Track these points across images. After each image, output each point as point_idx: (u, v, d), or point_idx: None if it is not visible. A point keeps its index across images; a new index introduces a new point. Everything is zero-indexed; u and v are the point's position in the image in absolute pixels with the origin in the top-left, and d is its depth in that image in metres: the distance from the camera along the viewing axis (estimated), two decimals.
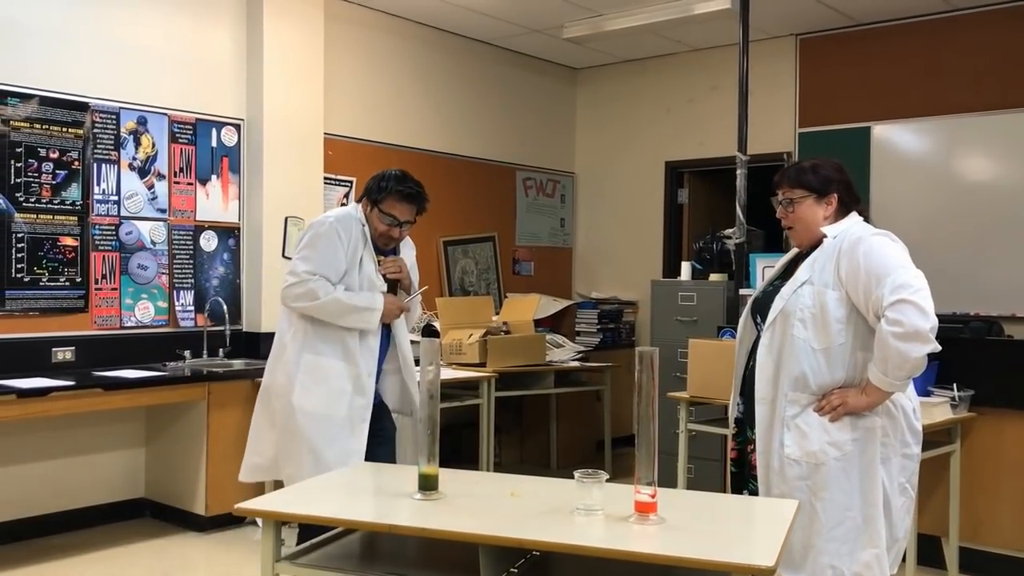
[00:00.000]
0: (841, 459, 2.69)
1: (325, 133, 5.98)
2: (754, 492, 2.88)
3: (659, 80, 7.64)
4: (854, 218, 2.85)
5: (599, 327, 7.34)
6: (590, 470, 2.21)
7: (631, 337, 7.62)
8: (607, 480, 2.23)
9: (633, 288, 7.69)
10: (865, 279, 2.64)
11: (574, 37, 6.84)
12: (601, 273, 8.03)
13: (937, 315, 5.02)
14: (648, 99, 7.71)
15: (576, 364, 6.49)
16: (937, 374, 4.31)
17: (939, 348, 2.64)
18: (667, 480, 3.76)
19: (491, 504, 2.33)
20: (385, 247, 3.57)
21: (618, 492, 2.29)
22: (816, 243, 2.85)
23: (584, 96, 8.18)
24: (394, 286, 3.56)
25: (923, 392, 4.18)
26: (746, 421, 2.91)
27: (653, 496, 2.12)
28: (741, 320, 3.02)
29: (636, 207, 7.78)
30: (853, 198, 2.88)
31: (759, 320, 2.89)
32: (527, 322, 6.36)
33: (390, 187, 3.44)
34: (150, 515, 5.20)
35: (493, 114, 7.43)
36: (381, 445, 3.55)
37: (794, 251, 3.01)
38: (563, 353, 6.53)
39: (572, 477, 2.22)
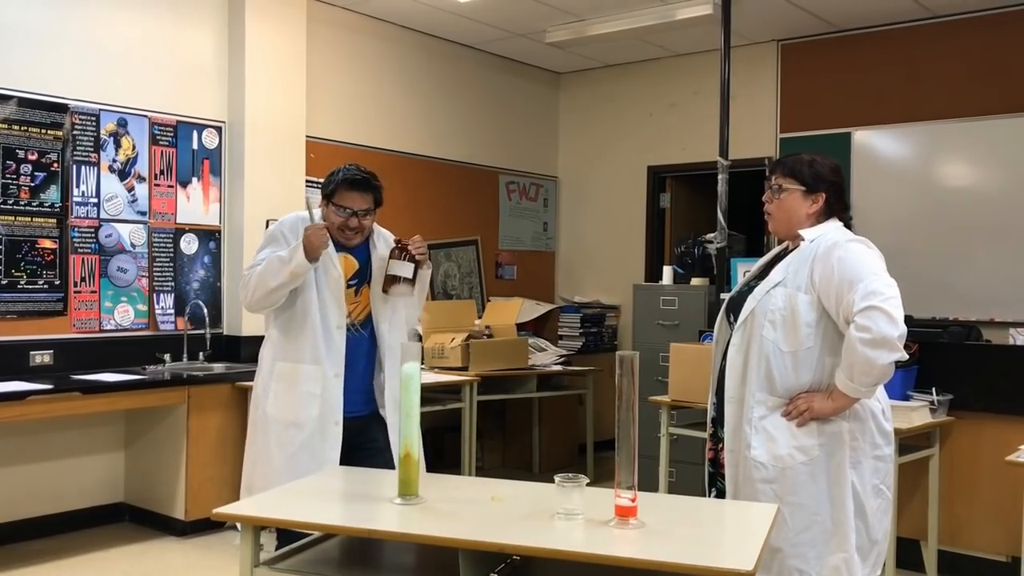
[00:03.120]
0: (808, 464, 2.68)
1: (307, 136, 5.96)
2: (721, 492, 2.88)
3: (642, 85, 7.66)
4: (835, 224, 2.83)
5: (582, 331, 7.35)
6: (571, 474, 2.21)
7: (613, 341, 7.63)
8: (588, 484, 2.23)
9: (615, 292, 7.70)
10: (838, 284, 2.63)
11: (557, 41, 6.85)
12: (584, 277, 8.04)
13: (916, 319, 5.06)
14: (631, 104, 7.73)
15: (559, 368, 6.50)
16: (916, 378, 4.34)
17: (906, 357, 2.65)
18: (649, 484, 3.76)
19: (472, 508, 2.32)
20: (349, 242, 3.42)
21: (599, 496, 2.28)
22: (792, 239, 2.86)
23: (567, 100, 8.19)
24: (415, 269, 3.35)
25: (902, 396, 4.21)
26: (719, 421, 2.92)
27: (633, 500, 2.12)
28: (717, 320, 3.01)
29: (618, 211, 7.80)
30: (841, 204, 2.86)
31: (733, 319, 2.88)
32: (510, 326, 6.35)
33: (338, 178, 3.37)
34: (129, 520, 5.17)
35: (476, 118, 7.43)
36: (372, 457, 3.35)
37: (773, 252, 3.01)
38: (546, 357, 6.53)
39: (554, 481, 2.21)
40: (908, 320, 5.03)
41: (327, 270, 3.35)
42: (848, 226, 2.87)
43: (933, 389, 4.23)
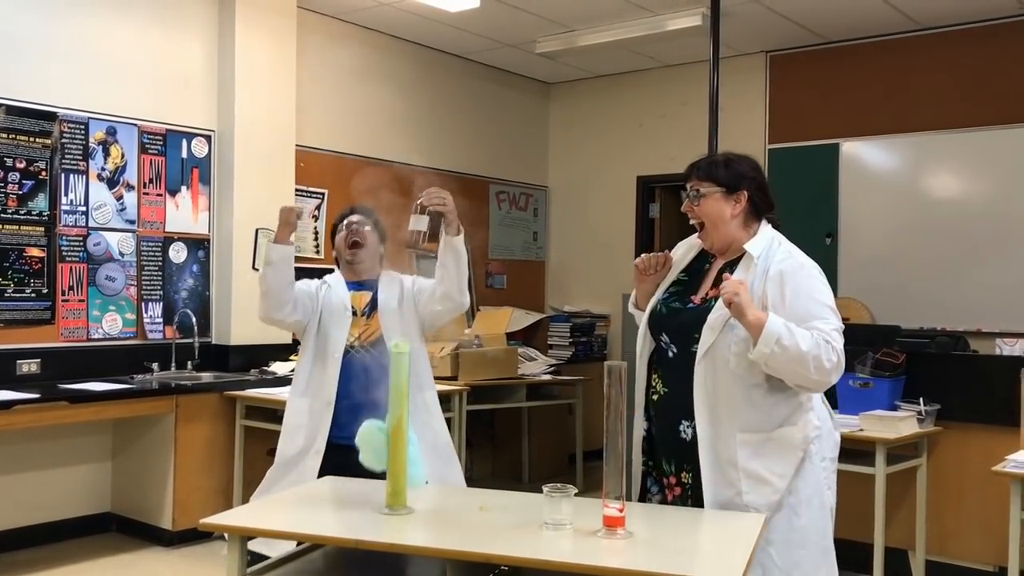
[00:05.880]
0: (797, 501, 2.53)
1: (297, 145, 5.96)
2: None
3: (631, 95, 7.69)
4: (769, 230, 2.65)
5: (571, 340, 7.36)
6: (559, 484, 2.20)
7: (603, 350, 7.64)
8: (577, 494, 2.23)
9: (605, 301, 7.71)
10: (794, 312, 2.46)
11: (547, 52, 6.88)
12: (573, 286, 8.05)
13: (904, 330, 5.07)
14: (620, 114, 7.75)
15: (548, 377, 6.50)
16: (903, 388, 4.36)
17: (816, 392, 2.55)
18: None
19: (460, 519, 2.32)
20: (359, 261, 3.43)
21: (587, 506, 2.28)
22: (723, 247, 2.67)
23: (557, 111, 8.21)
24: (437, 222, 3.19)
25: (890, 406, 4.23)
26: (659, 449, 2.69)
27: (621, 510, 2.12)
28: (640, 336, 2.74)
29: (608, 221, 7.81)
30: (765, 202, 2.67)
31: (664, 338, 2.66)
32: (499, 335, 6.36)
33: (340, 217, 3.50)
34: (116, 529, 5.14)
35: (466, 127, 7.44)
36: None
37: (688, 257, 2.81)
38: (535, 366, 6.53)
39: (543, 491, 2.21)
40: (896, 330, 5.08)
41: (332, 305, 3.35)
42: (776, 226, 2.69)
43: (920, 399, 4.25)
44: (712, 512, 2.55)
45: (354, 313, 3.37)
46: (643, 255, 2.81)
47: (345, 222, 3.47)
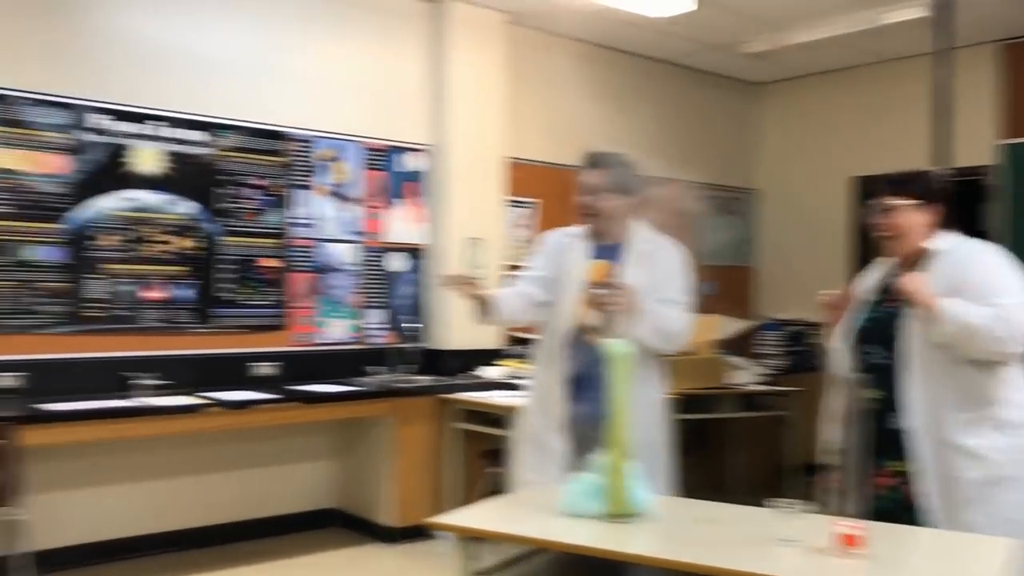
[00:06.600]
0: (1014, 479, 2.66)
1: (509, 157, 6.09)
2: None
3: (846, 92, 7.37)
4: (951, 234, 2.83)
5: (784, 349, 7.11)
6: (786, 499, 2.14)
7: (818, 361, 7.33)
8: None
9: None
10: (987, 289, 2.64)
11: (757, 52, 6.70)
12: (786, 293, 7.78)
13: None
14: (835, 112, 7.45)
15: (758, 388, 6.31)
16: None
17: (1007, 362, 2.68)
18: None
19: (683, 529, 2.29)
20: (591, 223, 3.28)
21: (812, 523, 2.19)
22: (912, 255, 2.83)
23: (767, 111, 7.99)
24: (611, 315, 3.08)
25: None
26: (888, 452, 2.79)
27: (858, 528, 2.03)
28: (843, 350, 2.95)
29: (822, 224, 7.51)
30: (951, 214, 2.87)
31: (870, 348, 2.86)
32: (708, 343, 6.23)
33: (583, 164, 3.33)
34: (341, 525, 5.41)
35: (673, 132, 7.36)
36: None
37: (881, 272, 3.00)
38: (745, 376, 6.36)
39: (754, 503, 2.15)
40: None
41: (568, 274, 3.24)
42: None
43: None
44: (953, 535, 2.45)
45: None
46: (825, 293, 3.09)
47: (580, 181, 3.25)
